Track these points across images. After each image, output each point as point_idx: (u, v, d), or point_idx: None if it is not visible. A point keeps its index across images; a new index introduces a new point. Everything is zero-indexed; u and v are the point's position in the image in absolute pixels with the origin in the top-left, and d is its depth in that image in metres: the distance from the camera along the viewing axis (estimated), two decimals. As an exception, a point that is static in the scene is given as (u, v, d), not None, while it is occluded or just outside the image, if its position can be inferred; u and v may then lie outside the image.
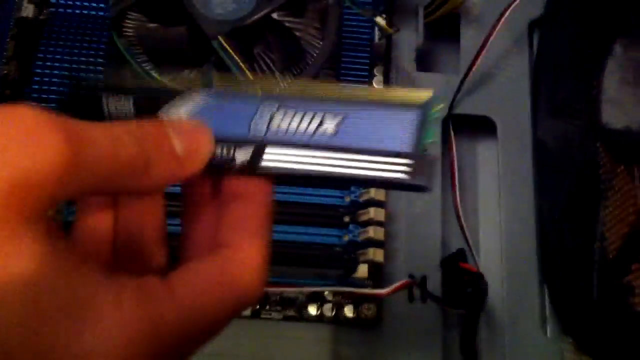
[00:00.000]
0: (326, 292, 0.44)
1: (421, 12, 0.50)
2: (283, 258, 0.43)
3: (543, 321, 0.46)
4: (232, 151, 0.26)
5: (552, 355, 0.45)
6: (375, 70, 0.48)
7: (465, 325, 0.44)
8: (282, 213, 0.43)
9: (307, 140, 0.26)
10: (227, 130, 0.26)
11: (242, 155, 0.26)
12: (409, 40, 0.51)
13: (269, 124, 0.26)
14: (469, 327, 0.44)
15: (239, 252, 0.25)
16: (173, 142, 0.24)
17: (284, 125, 0.26)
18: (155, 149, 0.24)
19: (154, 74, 0.40)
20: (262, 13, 0.41)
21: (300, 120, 0.27)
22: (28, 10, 0.45)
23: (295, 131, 0.26)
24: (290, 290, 0.43)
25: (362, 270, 0.44)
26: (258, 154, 0.26)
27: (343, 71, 0.47)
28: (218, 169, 0.26)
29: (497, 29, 0.48)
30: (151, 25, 0.41)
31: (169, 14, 0.41)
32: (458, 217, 0.48)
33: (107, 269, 0.22)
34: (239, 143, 0.26)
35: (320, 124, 0.27)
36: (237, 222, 0.26)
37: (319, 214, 0.44)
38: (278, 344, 0.44)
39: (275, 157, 0.26)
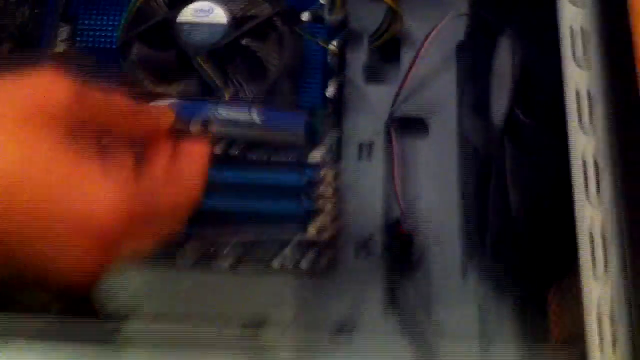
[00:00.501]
0: (287, 249, 0.57)
1: (366, 39, 0.64)
2: (251, 222, 0.57)
3: (465, 272, 0.59)
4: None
5: (470, 297, 0.58)
6: (329, 82, 0.61)
7: (391, 275, 0.57)
8: (249, 191, 0.57)
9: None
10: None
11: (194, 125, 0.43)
12: (359, 59, 0.65)
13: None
14: (394, 275, 0.57)
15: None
16: (151, 109, 0.40)
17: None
18: (140, 108, 0.39)
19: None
20: (230, 38, 0.56)
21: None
22: (60, 47, 0.60)
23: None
24: (255, 241, 0.57)
25: (312, 231, 0.57)
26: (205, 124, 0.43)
27: (301, 84, 0.60)
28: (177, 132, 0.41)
29: (424, 48, 0.62)
30: (149, 50, 0.57)
31: (162, 42, 0.56)
32: (397, 194, 0.61)
33: None
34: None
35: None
36: (185, 163, 0.41)
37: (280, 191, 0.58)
38: (249, 293, 0.57)
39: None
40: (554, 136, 0.46)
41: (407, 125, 0.63)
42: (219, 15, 0.56)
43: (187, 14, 0.56)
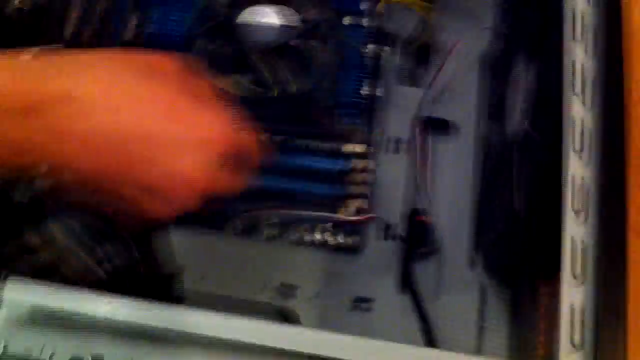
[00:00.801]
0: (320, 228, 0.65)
1: (399, 44, 0.71)
2: (295, 203, 0.65)
3: (472, 263, 0.66)
4: None
5: (474, 286, 0.65)
6: (365, 81, 0.69)
7: (405, 258, 0.65)
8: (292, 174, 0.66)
9: None
10: None
11: None
12: (392, 62, 0.71)
13: None
14: (407, 258, 0.65)
15: None
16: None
17: None
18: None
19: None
20: (281, 39, 0.63)
21: None
22: (129, 34, 0.68)
23: None
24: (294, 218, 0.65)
25: (344, 213, 0.65)
26: None
27: (339, 82, 0.68)
28: None
29: (451, 56, 0.69)
30: (210, 45, 0.64)
31: (222, 39, 0.64)
32: (420, 184, 0.68)
33: None
34: None
35: None
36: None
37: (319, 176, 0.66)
38: (284, 263, 0.65)
39: None
40: (555, 152, 0.52)
41: (431, 125, 0.70)
42: (273, 18, 0.63)
43: (246, 16, 0.63)
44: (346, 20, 0.69)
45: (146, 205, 0.46)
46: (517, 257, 0.61)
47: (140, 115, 0.44)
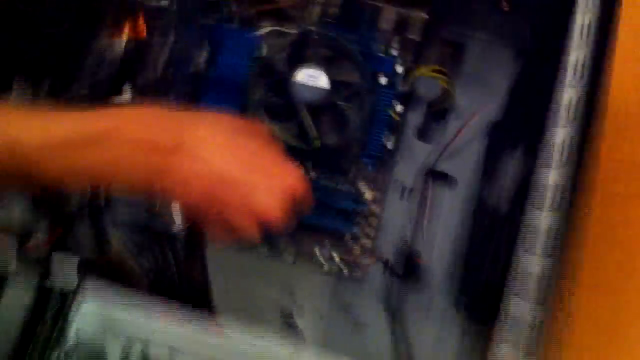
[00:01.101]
0: (334, 258, 0.78)
1: (424, 106, 0.83)
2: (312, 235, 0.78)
3: (456, 302, 0.79)
4: None
5: (456, 321, 0.79)
6: (389, 135, 0.81)
7: (398, 292, 0.78)
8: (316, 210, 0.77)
9: None
10: None
11: None
12: (415, 120, 0.84)
13: None
14: (400, 292, 0.78)
15: None
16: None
17: None
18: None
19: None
20: (328, 100, 0.75)
21: None
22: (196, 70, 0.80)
23: None
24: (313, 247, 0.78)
25: (356, 250, 0.78)
26: None
27: (369, 135, 0.80)
28: None
29: (466, 126, 0.82)
30: (266, 95, 0.77)
31: (277, 91, 0.76)
32: (418, 228, 0.81)
33: None
34: None
35: None
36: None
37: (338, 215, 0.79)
38: (300, 284, 0.79)
39: None
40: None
41: (434, 177, 0.82)
42: (323, 81, 0.75)
43: (300, 76, 0.75)
44: (382, 80, 0.80)
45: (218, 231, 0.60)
46: (497, 305, 0.74)
47: (230, 164, 0.58)
